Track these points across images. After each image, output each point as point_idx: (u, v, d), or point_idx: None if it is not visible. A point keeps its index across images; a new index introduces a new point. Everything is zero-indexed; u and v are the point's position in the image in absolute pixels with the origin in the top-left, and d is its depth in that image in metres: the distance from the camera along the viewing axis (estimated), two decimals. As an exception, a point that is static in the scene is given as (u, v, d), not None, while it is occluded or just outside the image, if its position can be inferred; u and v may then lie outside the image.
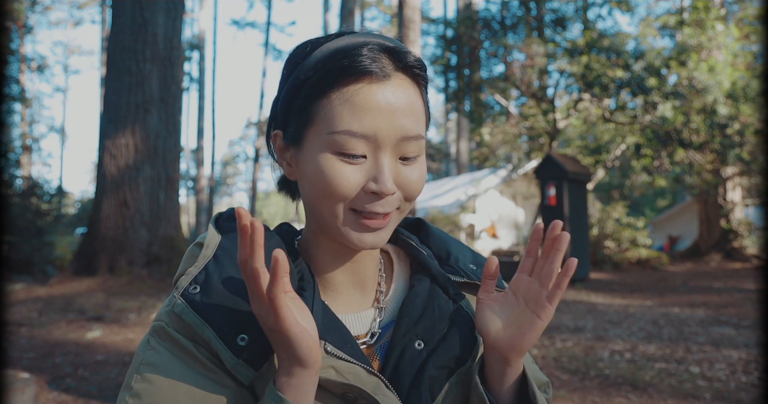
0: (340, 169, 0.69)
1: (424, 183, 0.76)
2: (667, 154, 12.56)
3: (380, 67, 0.70)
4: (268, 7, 28.33)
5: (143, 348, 0.70)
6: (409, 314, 0.78)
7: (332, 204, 0.71)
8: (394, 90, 0.70)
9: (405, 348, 0.75)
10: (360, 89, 0.69)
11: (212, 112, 27.96)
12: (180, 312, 0.68)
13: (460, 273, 0.84)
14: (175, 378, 0.66)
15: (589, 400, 3.91)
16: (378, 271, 0.83)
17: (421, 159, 0.74)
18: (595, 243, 13.56)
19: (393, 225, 0.74)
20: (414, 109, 0.71)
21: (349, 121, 0.68)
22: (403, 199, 0.73)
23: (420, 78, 0.74)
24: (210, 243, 0.74)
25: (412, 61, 0.72)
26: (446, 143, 34.41)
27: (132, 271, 8.67)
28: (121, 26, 9.26)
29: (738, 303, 8.06)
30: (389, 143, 0.70)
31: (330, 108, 0.69)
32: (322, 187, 0.70)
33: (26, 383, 3.27)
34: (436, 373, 0.75)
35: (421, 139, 0.72)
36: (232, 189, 54.25)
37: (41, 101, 36.29)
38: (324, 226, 0.74)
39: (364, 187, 0.70)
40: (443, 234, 0.90)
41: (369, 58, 0.70)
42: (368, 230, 0.72)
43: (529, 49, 13.23)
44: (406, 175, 0.72)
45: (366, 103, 0.69)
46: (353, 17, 10.19)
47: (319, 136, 0.70)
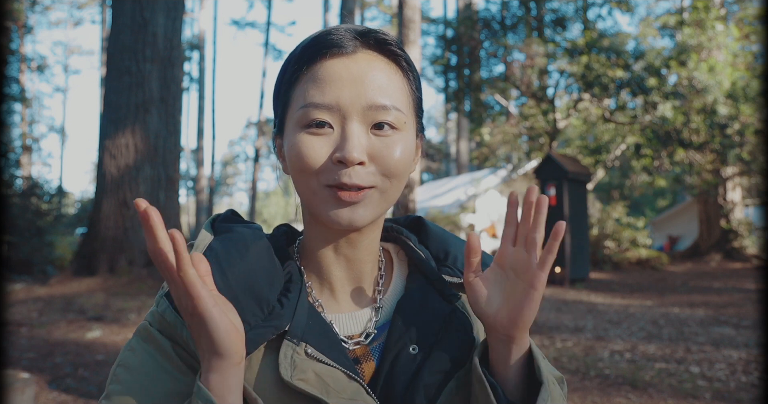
0: (307, 141, 0.70)
1: (408, 162, 0.74)
2: (667, 154, 12.55)
3: (344, 44, 0.71)
4: (268, 7, 28.33)
5: (124, 349, 0.71)
6: (403, 317, 0.77)
7: (308, 180, 0.71)
8: (358, 62, 0.71)
9: (399, 353, 0.74)
10: (324, 64, 0.71)
11: (212, 112, 27.99)
12: (163, 311, 0.70)
13: (456, 274, 0.82)
14: (144, 380, 0.67)
15: (589, 400, 3.91)
16: (377, 268, 0.83)
17: (403, 135, 0.73)
18: (595, 243, 13.55)
19: (373, 204, 0.73)
20: (382, 81, 0.72)
21: (312, 94, 0.70)
22: (381, 174, 0.72)
23: (395, 56, 0.74)
24: (200, 244, 0.74)
25: (381, 37, 0.73)
26: (446, 143, 34.41)
27: (132, 271, 8.67)
28: (121, 26, 9.26)
29: (738, 303, 8.06)
30: (354, 112, 0.70)
31: (299, 87, 0.72)
32: (296, 163, 0.71)
33: (26, 383, 3.27)
34: (433, 379, 0.73)
35: (394, 111, 0.72)
36: (232, 189, 54.24)
37: (41, 101, 36.28)
38: (310, 209, 0.75)
39: (331, 156, 0.70)
40: (442, 232, 0.89)
41: (336, 36, 0.72)
42: (342, 204, 0.71)
43: (529, 49, 13.22)
44: (379, 146, 0.71)
45: (328, 74, 0.70)
46: (353, 17, 10.20)
47: (292, 117, 0.72)
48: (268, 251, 0.76)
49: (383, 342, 0.77)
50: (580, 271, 10.50)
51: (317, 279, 0.79)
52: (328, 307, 0.78)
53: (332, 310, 0.78)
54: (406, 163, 0.74)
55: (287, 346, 0.69)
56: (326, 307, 0.78)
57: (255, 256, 0.73)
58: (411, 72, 0.77)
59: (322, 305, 0.78)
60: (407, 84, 0.76)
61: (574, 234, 10.28)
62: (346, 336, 0.77)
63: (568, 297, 8.80)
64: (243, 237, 0.76)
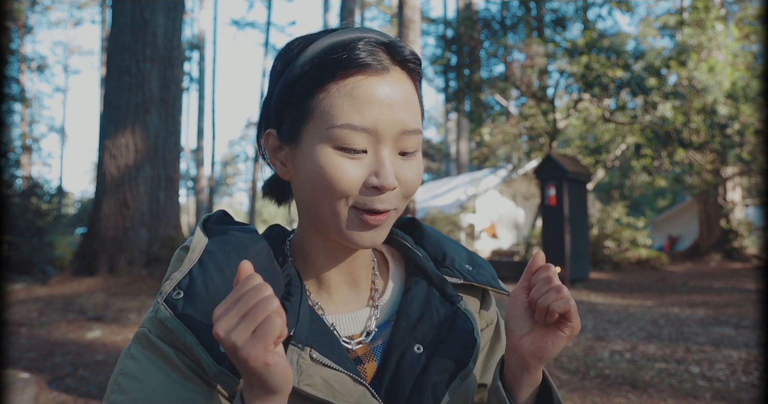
0: (341, 164, 0.68)
1: (422, 179, 0.75)
2: (667, 154, 12.55)
3: (378, 61, 0.69)
4: (268, 7, 28.34)
5: (124, 357, 0.68)
6: (407, 317, 0.77)
7: (333, 202, 0.69)
8: (392, 83, 0.69)
9: (404, 353, 0.74)
10: (360, 82, 0.68)
11: (212, 112, 27.97)
12: (163, 318, 0.67)
13: (456, 275, 0.82)
14: (152, 389, 0.65)
15: (589, 400, 3.91)
16: (371, 270, 0.82)
17: (419, 155, 0.74)
18: (595, 243, 13.55)
19: (391, 222, 0.73)
20: (411, 104, 0.71)
21: (350, 114, 0.67)
22: (401, 195, 0.72)
23: (415, 72, 0.73)
24: (196, 247, 0.73)
25: (408, 55, 0.72)
26: (446, 143, 34.41)
27: (132, 271, 8.67)
28: (121, 26, 9.26)
29: (738, 303, 8.06)
30: (389, 137, 0.69)
31: (329, 101, 0.68)
32: (323, 184, 0.68)
33: (26, 383, 3.27)
34: (439, 378, 0.74)
35: (419, 134, 0.72)
36: (232, 189, 54.25)
37: (41, 101, 36.28)
38: (322, 225, 0.73)
39: (365, 182, 0.68)
40: (437, 234, 0.89)
41: (366, 51, 0.69)
42: (368, 227, 0.70)
43: (529, 49, 13.23)
44: (405, 171, 0.71)
45: (367, 95, 0.67)
46: (353, 17, 10.21)
47: (318, 131, 0.69)
48: (267, 254, 0.75)
49: (385, 341, 0.77)
50: (580, 271, 10.50)
51: (315, 281, 0.79)
52: (327, 309, 0.78)
53: (332, 312, 0.78)
54: (421, 180, 0.75)
55: (292, 351, 0.69)
56: (326, 309, 0.78)
57: (256, 259, 0.72)
58: (421, 84, 0.76)
59: (322, 307, 0.77)
60: (419, 98, 0.75)
61: (574, 234, 10.28)
62: (347, 336, 0.77)
63: (568, 297, 8.79)
64: (242, 240, 0.75)
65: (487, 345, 0.86)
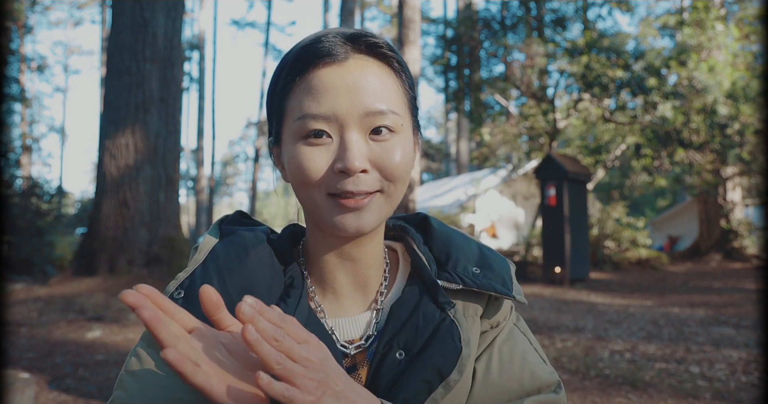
0: (306, 154, 0.70)
1: (409, 163, 0.74)
2: (667, 154, 12.55)
3: (337, 52, 0.71)
4: (268, 7, 28.34)
5: (130, 355, 0.71)
6: (394, 322, 0.75)
7: (310, 192, 0.71)
8: (352, 71, 0.71)
9: (384, 358, 0.73)
10: (316, 73, 0.70)
11: (212, 112, 27.96)
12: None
13: (455, 280, 0.78)
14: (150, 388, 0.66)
15: (589, 400, 3.91)
16: (381, 271, 0.81)
17: (402, 138, 0.73)
18: (595, 243, 13.55)
19: (379, 208, 0.72)
20: (378, 88, 0.71)
21: (307, 105, 0.70)
22: (384, 179, 0.71)
23: (387, 59, 0.74)
24: (203, 248, 0.74)
25: (371, 41, 0.72)
26: (446, 143, 34.41)
27: (132, 271, 8.67)
28: (121, 26, 9.26)
29: (738, 303, 8.06)
30: (352, 120, 0.70)
31: (294, 98, 0.71)
32: (297, 175, 0.71)
33: (26, 383, 3.27)
34: (417, 386, 0.71)
35: (391, 115, 0.71)
36: (232, 189, 54.23)
37: (41, 101, 36.27)
38: (313, 218, 0.75)
39: (332, 167, 0.70)
40: (447, 232, 0.86)
41: (327, 45, 0.71)
42: (347, 210, 0.70)
43: (529, 49, 13.23)
44: (379, 152, 0.71)
45: (322, 84, 0.70)
46: (353, 17, 10.19)
47: (289, 128, 0.72)
48: (268, 256, 0.76)
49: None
50: (580, 271, 10.49)
51: (320, 283, 0.78)
52: (330, 312, 0.77)
53: (334, 315, 0.77)
54: (407, 165, 0.73)
55: None
56: (328, 312, 0.77)
57: (255, 261, 0.73)
58: (403, 72, 0.76)
59: (324, 310, 0.77)
60: (401, 84, 0.75)
61: (574, 234, 10.28)
62: (346, 340, 0.76)
63: (568, 297, 8.80)
64: (244, 241, 0.76)
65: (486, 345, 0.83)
